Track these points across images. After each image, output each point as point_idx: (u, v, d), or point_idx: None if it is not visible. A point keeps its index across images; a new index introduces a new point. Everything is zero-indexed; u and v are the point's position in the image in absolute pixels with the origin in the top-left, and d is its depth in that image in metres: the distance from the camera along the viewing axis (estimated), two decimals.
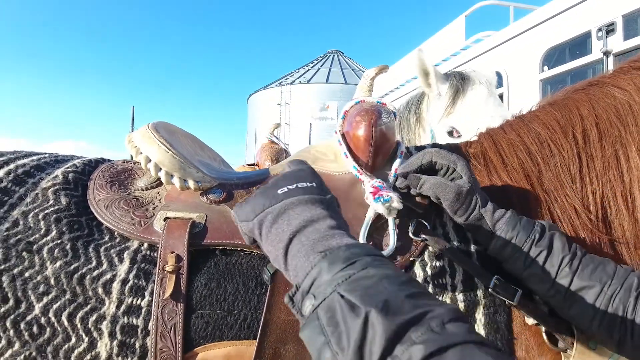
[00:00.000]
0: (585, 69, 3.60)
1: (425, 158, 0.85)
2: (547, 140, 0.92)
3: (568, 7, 3.69)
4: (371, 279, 0.46)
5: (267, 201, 0.61)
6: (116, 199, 0.86)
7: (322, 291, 0.48)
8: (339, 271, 0.48)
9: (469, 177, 0.81)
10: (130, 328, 0.74)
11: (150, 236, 0.80)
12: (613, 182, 0.87)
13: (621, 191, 0.86)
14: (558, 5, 3.81)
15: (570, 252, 0.78)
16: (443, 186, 0.80)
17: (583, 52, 3.58)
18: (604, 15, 3.36)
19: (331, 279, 0.48)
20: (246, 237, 0.67)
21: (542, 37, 3.95)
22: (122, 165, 0.97)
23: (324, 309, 0.46)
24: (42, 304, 0.75)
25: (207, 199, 0.86)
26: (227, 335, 0.75)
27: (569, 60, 3.73)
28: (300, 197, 0.60)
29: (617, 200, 0.86)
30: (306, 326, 0.47)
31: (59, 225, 0.80)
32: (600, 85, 0.94)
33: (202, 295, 0.77)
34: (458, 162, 0.82)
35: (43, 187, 0.86)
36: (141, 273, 0.78)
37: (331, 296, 0.46)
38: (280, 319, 0.74)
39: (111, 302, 0.75)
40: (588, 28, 3.49)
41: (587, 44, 3.52)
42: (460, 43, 5.46)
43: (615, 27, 3.28)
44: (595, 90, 0.94)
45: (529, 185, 0.90)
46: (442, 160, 0.83)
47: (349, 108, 0.95)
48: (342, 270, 0.48)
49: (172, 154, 0.85)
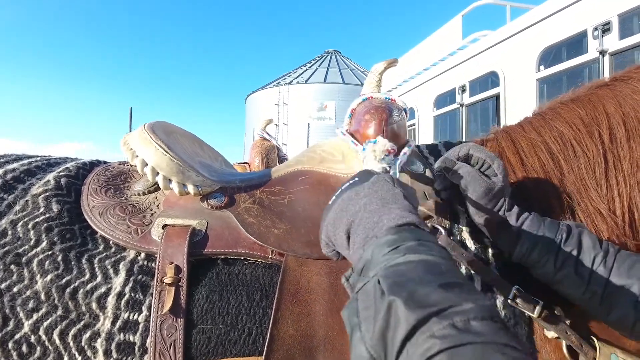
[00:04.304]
0: (581, 68, 3.61)
1: (462, 150, 0.80)
2: (570, 139, 0.86)
3: (564, 7, 3.70)
4: (408, 265, 0.46)
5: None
6: (111, 205, 0.81)
7: (366, 275, 0.49)
8: (382, 255, 0.49)
9: (503, 177, 0.76)
10: (127, 345, 0.70)
11: (147, 245, 0.75)
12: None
13: None
14: (554, 4, 3.82)
15: (602, 249, 0.73)
16: (476, 177, 0.75)
17: (579, 51, 3.59)
18: (599, 14, 3.37)
19: (375, 263, 0.49)
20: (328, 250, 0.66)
21: (539, 36, 3.96)
22: (118, 167, 0.92)
23: (363, 292, 0.47)
24: (31, 321, 0.70)
25: (208, 204, 0.81)
26: (230, 352, 0.70)
27: (566, 60, 3.74)
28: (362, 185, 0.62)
29: None
30: (346, 306, 0.48)
31: (50, 235, 0.75)
32: (627, 81, 0.88)
33: (203, 309, 0.72)
34: (495, 160, 0.77)
35: (33, 193, 0.81)
36: (138, 286, 0.73)
37: (372, 280, 0.46)
38: (287, 334, 0.68)
39: (106, 317, 0.70)
40: (584, 27, 3.51)
41: (584, 43, 3.53)
42: (457, 42, 5.47)
43: (611, 27, 3.30)
44: (621, 86, 0.88)
45: (550, 187, 0.85)
46: (480, 154, 0.78)
47: (356, 105, 0.90)
48: (386, 255, 0.49)
49: (170, 157, 0.80)
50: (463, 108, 5.06)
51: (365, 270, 0.50)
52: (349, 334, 0.46)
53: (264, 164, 3.01)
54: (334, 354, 0.67)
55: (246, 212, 0.80)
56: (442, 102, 5.54)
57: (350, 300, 0.48)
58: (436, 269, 0.45)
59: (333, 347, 0.67)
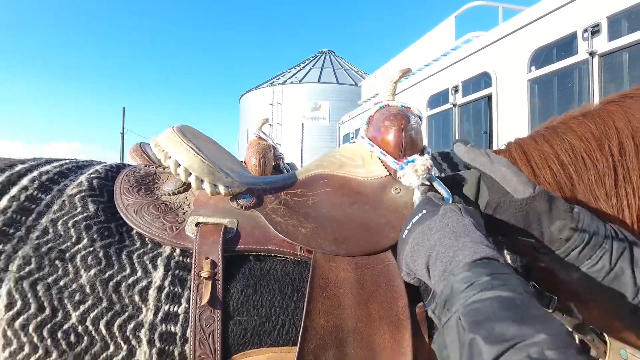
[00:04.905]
0: (571, 69, 3.67)
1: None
2: (581, 152, 0.89)
3: (555, 9, 3.76)
4: (484, 302, 0.51)
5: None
6: (145, 203, 0.85)
7: (450, 309, 0.54)
8: (460, 292, 0.54)
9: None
10: (169, 335, 0.73)
11: (182, 242, 0.79)
12: None
13: None
14: (545, 6, 3.88)
15: None
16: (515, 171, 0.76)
17: (569, 52, 3.65)
18: (589, 16, 3.43)
19: (455, 299, 0.54)
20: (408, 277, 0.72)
21: (530, 37, 4.02)
22: (145, 169, 0.96)
23: (447, 327, 0.53)
24: (78, 312, 0.74)
25: (237, 204, 0.85)
26: (265, 342, 0.74)
27: (556, 61, 3.80)
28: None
29: None
30: (435, 340, 0.58)
31: (90, 232, 0.79)
32: (636, 98, 0.92)
33: (238, 302, 0.75)
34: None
35: (69, 194, 0.85)
36: (176, 280, 0.76)
37: (454, 316, 0.52)
38: (319, 324, 0.72)
39: (148, 309, 0.74)
40: (574, 29, 3.57)
41: (574, 45, 3.60)
42: (450, 43, 5.53)
43: (600, 28, 3.36)
44: (630, 102, 0.91)
45: (562, 197, 0.85)
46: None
47: (373, 113, 0.94)
48: (463, 292, 0.53)
49: (201, 158, 0.84)
50: (456, 108, 5.12)
51: (448, 304, 0.55)
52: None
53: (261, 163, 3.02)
54: (362, 344, 0.70)
55: (273, 212, 0.84)
56: (436, 102, 5.59)
57: (438, 334, 0.56)
58: (511, 303, 0.50)
59: (362, 338, 0.71)
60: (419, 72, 6.13)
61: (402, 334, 0.70)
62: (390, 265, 0.77)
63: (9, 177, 0.85)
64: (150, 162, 1.95)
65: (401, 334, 0.70)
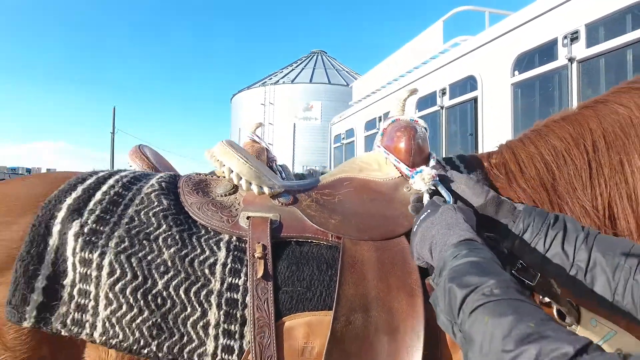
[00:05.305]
0: (552, 74, 3.81)
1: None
2: (561, 151, 1.05)
3: (537, 15, 3.89)
4: (460, 265, 0.72)
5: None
6: (205, 202, 1.05)
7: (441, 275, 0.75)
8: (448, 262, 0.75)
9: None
10: (233, 301, 0.91)
11: (238, 230, 0.98)
12: (619, 184, 1.00)
13: (626, 192, 0.99)
14: (528, 13, 4.01)
15: (584, 231, 0.86)
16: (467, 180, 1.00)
17: (550, 58, 3.78)
18: (569, 23, 3.56)
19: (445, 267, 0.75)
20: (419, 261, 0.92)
21: (513, 43, 4.15)
22: (198, 177, 1.17)
23: (438, 286, 0.74)
24: (163, 281, 0.92)
25: (279, 201, 1.05)
26: (307, 307, 0.91)
27: (538, 66, 3.93)
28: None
29: (622, 200, 0.99)
30: (431, 297, 0.77)
31: (167, 220, 0.98)
32: (605, 103, 1.08)
33: (285, 276, 0.93)
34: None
35: (145, 192, 1.05)
36: (236, 259, 0.95)
37: (443, 278, 0.73)
38: (349, 293, 0.90)
39: (216, 280, 0.92)
40: (555, 35, 3.69)
41: (554, 51, 3.72)
42: (438, 47, 5.65)
43: (579, 35, 3.48)
44: (601, 107, 1.08)
45: (544, 190, 1.04)
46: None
47: (387, 126, 1.15)
48: (449, 262, 0.75)
49: (249, 166, 1.06)
50: (443, 110, 5.25)
51: (441, 272, 0.75)
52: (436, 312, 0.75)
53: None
54: (384, 309, 0.89)
55: (307, 207, 1.04)
56: (424, 104, 5.71)
57: (433, 293, 0.77)
58: (477, 264, 0.71)
59: (383, 304, 0.90)
60: (408, 74, 6.26)
61: (416, 301, 0.89)
62: (405, 248, 0.97)
63: (97, 178, 1.06)
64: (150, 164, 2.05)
65: (415, 300, 0.89)
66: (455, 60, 5.05)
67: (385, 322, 0.88)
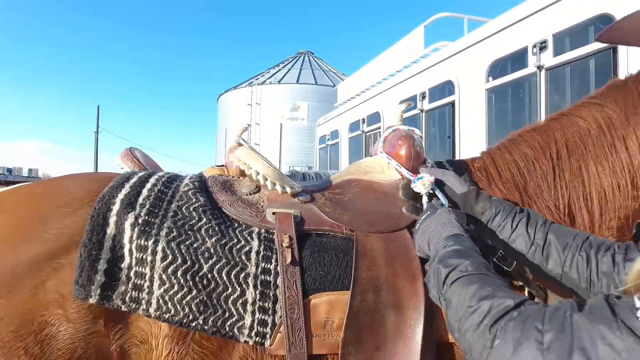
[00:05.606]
0: (523, 81, 4.00)
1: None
2: (532, 158, 1.23)
3: (509, 25, 4.09)
4: (446, 252, 0.92)
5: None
6: (234, 199, 1.21)
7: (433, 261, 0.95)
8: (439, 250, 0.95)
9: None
10: (266, 283, 1.07)
11: (266, 224, 1.14)
12: (577, 187, 1.17)
13: (582, 193, 1.16)
14: (501, 22, 4.21)
15: (542, 219, 1.05)
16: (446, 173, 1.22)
17: (521, 65, 3.96)
18: (538, 33, 3.76)
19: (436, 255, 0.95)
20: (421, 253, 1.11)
21: (488, 50, 4.33)
22: (223, 178, 1.34)
23: (431, 269, 0.94)
24: (208, 265, 1.06)
25: (299, 200, 1.22)
26: (328, 288, 1.08)
27: (510, 73, 4.13)
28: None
29: (579, 200, 1.16)
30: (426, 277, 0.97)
31: (206, 214, 1.13)
32: (569, 116, 1.24)
33: (309, 262, 1.10)
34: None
35: (183, 190, 1.20)
36: (267, 247, 1.10)
37: (434, 263, 0.93)
38: (363, 276, 1.08)
39: (251, 265, 1.07)
40: (525, 44, 3.89)
41: (525, 59, 3.91)
42: (419, 51, 5.83)
43: (547, 45, 3.68)
44: (565, 119, 1.24)
45: (517, 191, 1.22)
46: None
47: (387, 134, 1.35)
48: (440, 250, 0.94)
49: (273, 169, 1.24)
50: (423, 113, 5.42)
51: (434, 259, 0.95)
52: (428, 287, 0.96)
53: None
54: (391, 289, 1.09)
55: (323, 205, 1.23)
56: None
57: (427, 274, 0.97)
58: (459, 251, 0.91)
59: (390, 286, 1.09)
60: (391, 78, 6.43)
61: (417, 283, 1.09)
62: (407, 239, 1.17)
63: (140, 177, 1.22)
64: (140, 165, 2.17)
65: (416, 283, 1.09)
66: (434, 65, 5.22)
67: (392, 300, 1.07)
